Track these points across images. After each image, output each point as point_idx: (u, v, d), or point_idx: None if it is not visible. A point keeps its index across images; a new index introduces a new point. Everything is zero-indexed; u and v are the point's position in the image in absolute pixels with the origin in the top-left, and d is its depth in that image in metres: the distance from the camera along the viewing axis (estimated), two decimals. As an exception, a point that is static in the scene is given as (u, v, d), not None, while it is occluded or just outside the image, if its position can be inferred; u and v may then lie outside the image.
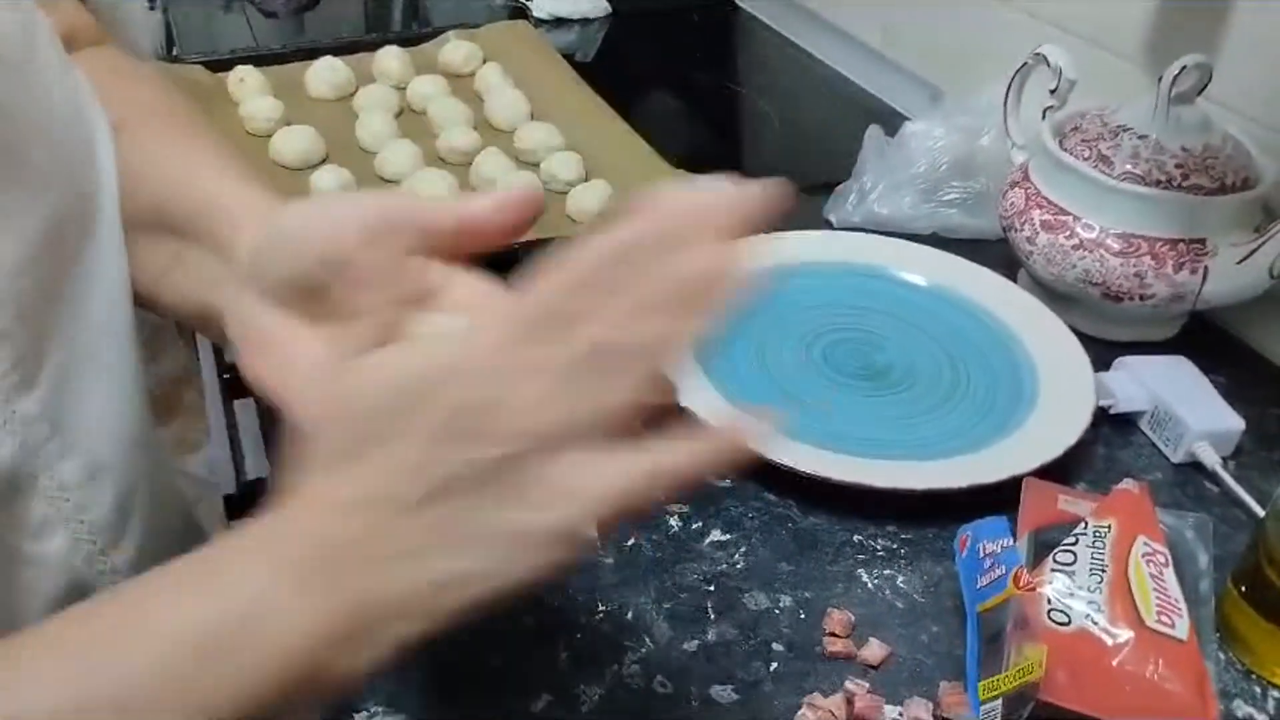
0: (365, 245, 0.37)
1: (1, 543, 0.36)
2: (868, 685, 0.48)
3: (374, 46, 1.00)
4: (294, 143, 0.84)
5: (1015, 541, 0.51)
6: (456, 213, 0.37)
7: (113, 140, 0.44)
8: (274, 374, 0.37)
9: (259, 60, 0.97)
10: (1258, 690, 0.50)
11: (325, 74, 0.95)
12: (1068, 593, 0.46)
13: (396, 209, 0.38)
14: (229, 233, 0.40)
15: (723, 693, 0.48)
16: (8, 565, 0.36)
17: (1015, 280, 0.75)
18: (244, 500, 0.90)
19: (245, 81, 0.92)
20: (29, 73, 0.38)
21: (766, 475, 0.59)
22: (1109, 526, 0.49)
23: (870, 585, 0.54)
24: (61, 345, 0.39)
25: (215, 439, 1.38)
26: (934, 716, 0.47)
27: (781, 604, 0.53)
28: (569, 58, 1.06)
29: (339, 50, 1.00)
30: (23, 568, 0.37)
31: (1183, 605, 0.46)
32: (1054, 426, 0.61)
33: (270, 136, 0.86)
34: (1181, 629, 0.45)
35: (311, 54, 0.99)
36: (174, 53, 1.11)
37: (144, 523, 0.43)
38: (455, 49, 1.01)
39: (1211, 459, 0.61)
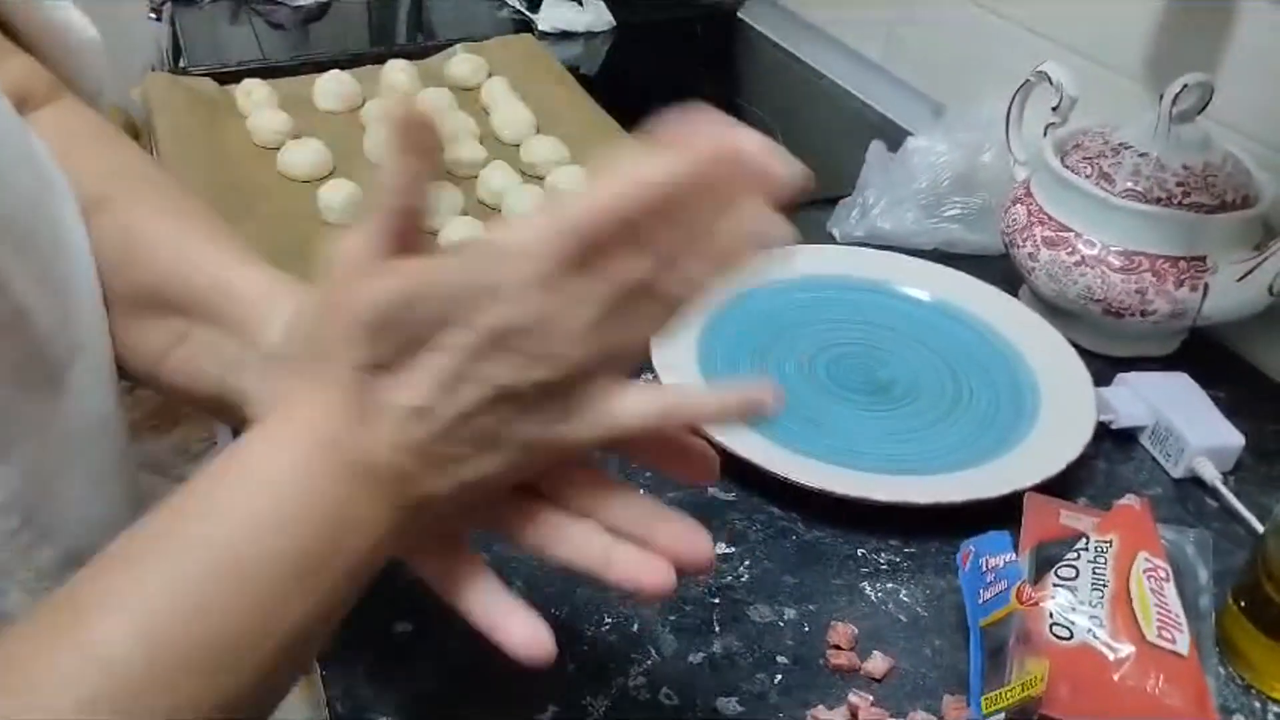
0: None
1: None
2: (871, 698, 0.48)
3: (379, 59, 1.01)
4: (302, 156, 0.85)
5: (1017, 556, 0.51)
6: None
7: (77, 206, 0.43)
8: None
9: (265, 72, 0.98)
10: (1258, 705, 0.50)
11: (333, 87, 0.95)
12: (1070, 607, 0.47)
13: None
14: (242, 314, 0.41)
15: (728, 705, 0.49)
16: None
17: (1017, 295, 0.76)
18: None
19: (253, 95, 0.93)
20: None
21: (770, 489, 0.59)
22: (1111, 542, 0.49)
23: (874, 598, 0.55)
24: (30, 435, 0.38)
25: (221, 440, 1.38)
26: (937, 729, 0.47)
27: (786, 617, 0.53)
28: (573, 71, 1.07)
29: (344, 62, 1.01)
30: None
31: (1183, 620, 0.47)
32: (1055, 441, 0.62)
33: (278, 149, 0.87)
34: (1182, 644, 0.46)
35: (318, 66, 0.99)
36: (181, 64, 1.12)
37: None
38: (462, 62, 1.02)
39: (1211, 474, 0.62)
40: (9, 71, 0.45)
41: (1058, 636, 0.46)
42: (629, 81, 1.15)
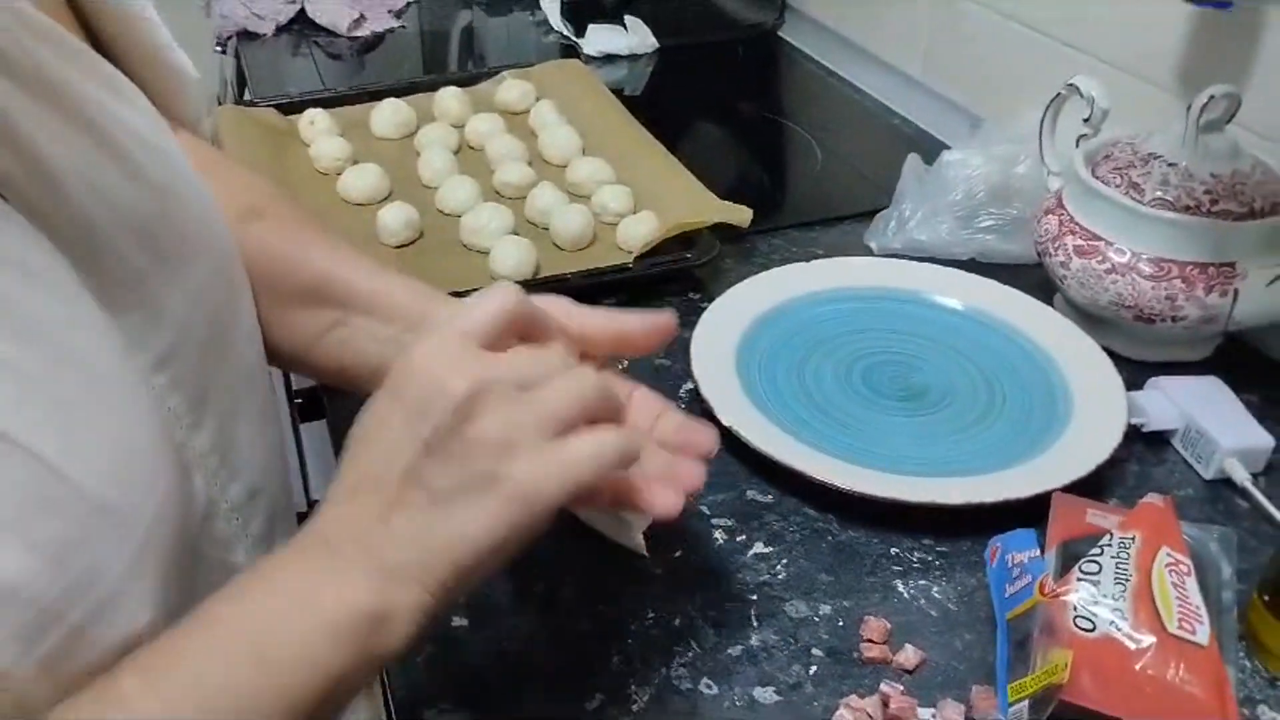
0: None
1: (208, 555, 0.42)
2: (902, 687, 0.50)
3: (432, 86, 1.06)
4: (361, 181, 0.90)
5: (1044, 553, 0.53)
6: (615, 325, 0.50)
7: (225, 215, 0.51)
8: None
9: (326, 101, 1.03)
10: (1283, 697, 0.52)
11: (389, 114, 1.00)
12: (1093, 600, 0.49)
13: (568, 315, 0.49)
14: (400, 312, 0.53)
15: (764, 694, 0.51)
16: (219, 575, 0.42)
17: (1051, 304, 0.78)
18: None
19: (316, 123, 0.98)
20: (169, 153, 0.44)
21: (807, 491, 0.62)
22: (1134, 538, 0.51)
23: (906, 595, 0.57)
24: (220, 389, 0.44)
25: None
26: (965, 718, 0.49)
27: (821, 612, 0.56)
28: (618, 92, 1.11)
29: (399, 90, 1.06)
30: (223, 576, 0.42)
31: (1204, 613, 0.48)
32: (1086, 444, 0.64)
33: (338, 175, 0.91)
34: (1202, 635, 0.47)
35: (375, 95, 1.04)
36: (246, 95, 1.18)
37: (284, 535, 0.48)
38: (510, 88, 1.06)
39: (1242, 475, 0.63)
40: None
41: (1081, 628, 0.48)
42: (673, 101, 1.19)
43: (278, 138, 0.97)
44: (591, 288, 0.80)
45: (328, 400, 0.75)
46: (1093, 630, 0.48)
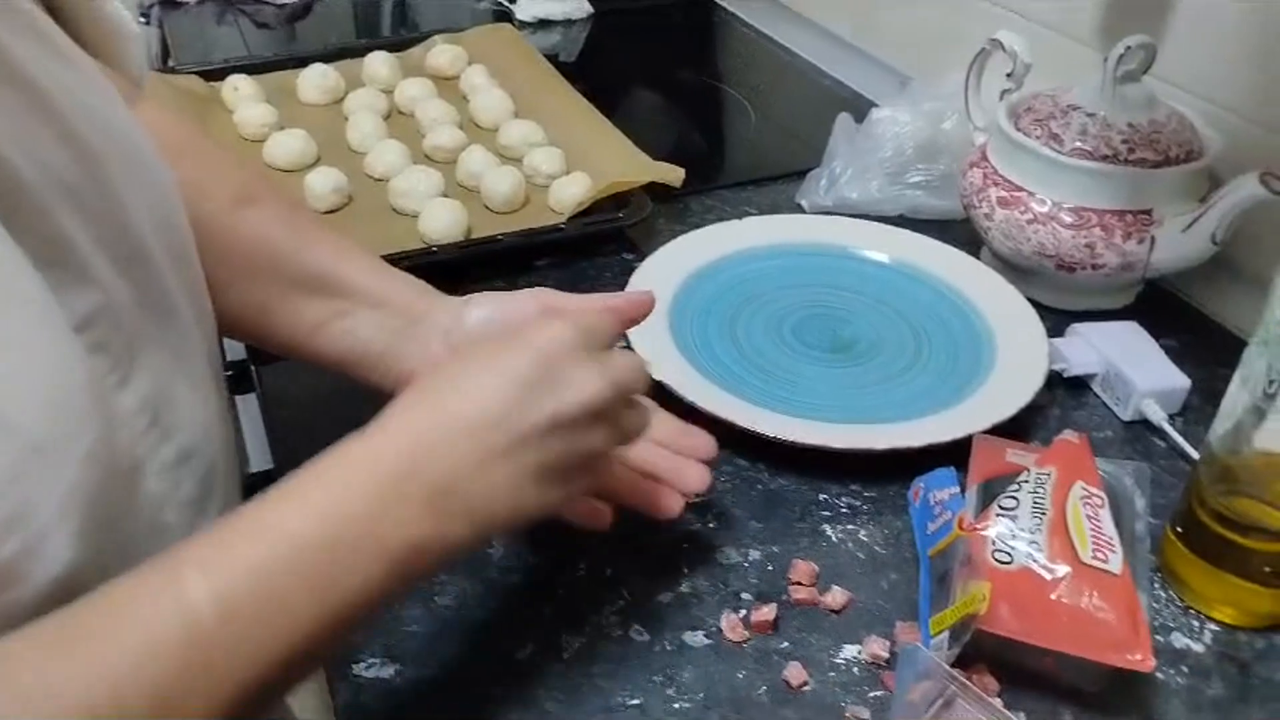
0: None
1: (140, 514, 0.42)
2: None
3: (363, 52, 1.04)
4: (287, 147, 0.88)
5: (965, 491, 0.54)
6: (603, 304, 0.55)
7: (218, 198, 0.54)
8: None
9: (252, 69, 1.01)
10: (1195, 624, 0.54)
11: (316, 80, 0.99)
12: (1010, 535, 0.50)
13: (561, 301, 0.55)
14: (405, 305, 0.56)
15: (695, 638, 0.52)
16: (149, 533, 0.42)
17: (978, 256, 0.79)
18: (248, 492, 0.94)
19: (239, 89, 0.96)
20: (106, 115, 0.44)
21: (738, 442, 0.62)
22: (1050, 473, 0.52)
23: (834, 539, 0.58)
24: (155, 350, 0.44)
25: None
26: (889, 652, 0.50)
27: (750, 558, 0.57)
28: (552, 59, 1.10)
29: (329, 57, 1.04)
30: (156, 536, 0.42)
31: (1117, 543, 0.50)
32: (1010, 389, 0.65)
33: (264, 141, 0.90)
34: (1115, 563, 0.49)
35: (303, 61, 1.02)
36: (169, 64, 1.15)
37: (221, 499, 0.48)
38: (441, 53, 1.05)
39: (1158, 415, 0.65)
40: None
41: (999, 561, 0.49)
42: (608, 67, 1.18)
43: (200, 105, 0.95)
44: (524, 249, 0.79)
45: (258, 373, 0.74)
46: (1010, 563, 0.49)
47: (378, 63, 1.01)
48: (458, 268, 0.77)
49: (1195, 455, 0.63)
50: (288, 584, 0.37)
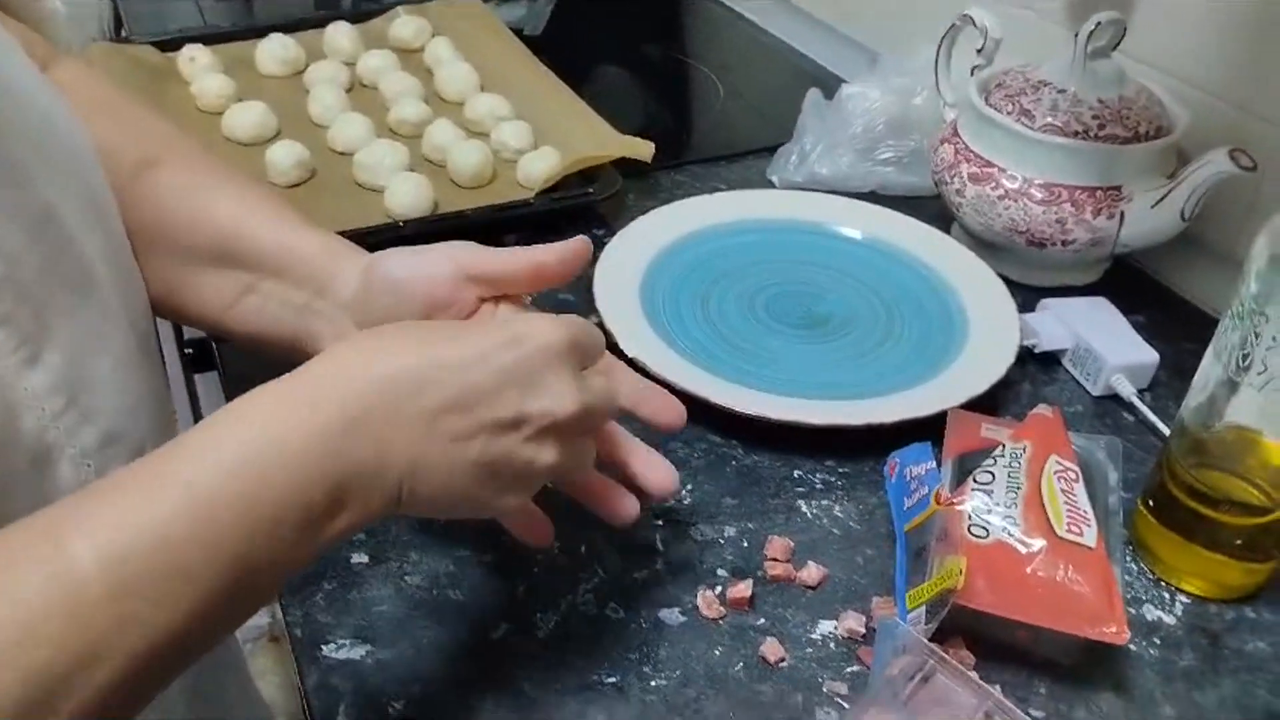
0: (460, 289, 0.48)
1: (52, 500, 0.38)
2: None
3: (322, 24, 1.01)
4: (246, 119, 0.86)
5: (940, 466, 0.54)
6: (529, 259, 0.49)
7: (119, 165, 0.49)
8: None
9: (209, 39, 0.98)
10: (1166, 596, 0.54)
11: (275, 50, 0.96)
12: (986, 509, 0.50)
13: (482, 261, 0.49)
14: (309, 272, 0.50)
15: (670, 615, 0.52)
16: None
17: (949, 232, 0.79)
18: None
19: (196, 60, 0.93)
20: (14, 80, 0.41)
21: (712, 419, 0.62)
22: (1025, 447, 0.52)
23: (809, 515, 0.58)
24: (71, 327, 0.41)
25: (180, 416, 1.39)
26: (866, 628, 0.50)
27: (726, 534, 0.56)
28: (518, 32, 1.08)
29: (288, 28, 1.01)
30: None
31: (1091, 516, 0.50)
32: (982, 365, 0.65)
33: (222, 114, 0.87)
34: (1090, 537, 0.49)
35: (261, 32, 1.00)
36: (124, 34, 1.12)
37: None
38: (405, 24, 1.02)
39: (1127, 390, 0.65)
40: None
41: (975, 536, 0.49)
42: (575, 41, 1.17)
43: (155, 76, 0.93)
44: (492, 224, 0.78)
45: (219, 351, 0.72)
46: (986, 537, 0.49)
47: (339, 34, 0.99)
48: (424, 243, 0.75)
49: (1165, 430, 0.63)
50: (191, 553, 0.33)
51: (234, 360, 0.69)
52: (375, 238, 0.71)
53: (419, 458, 0.38)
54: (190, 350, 0.93)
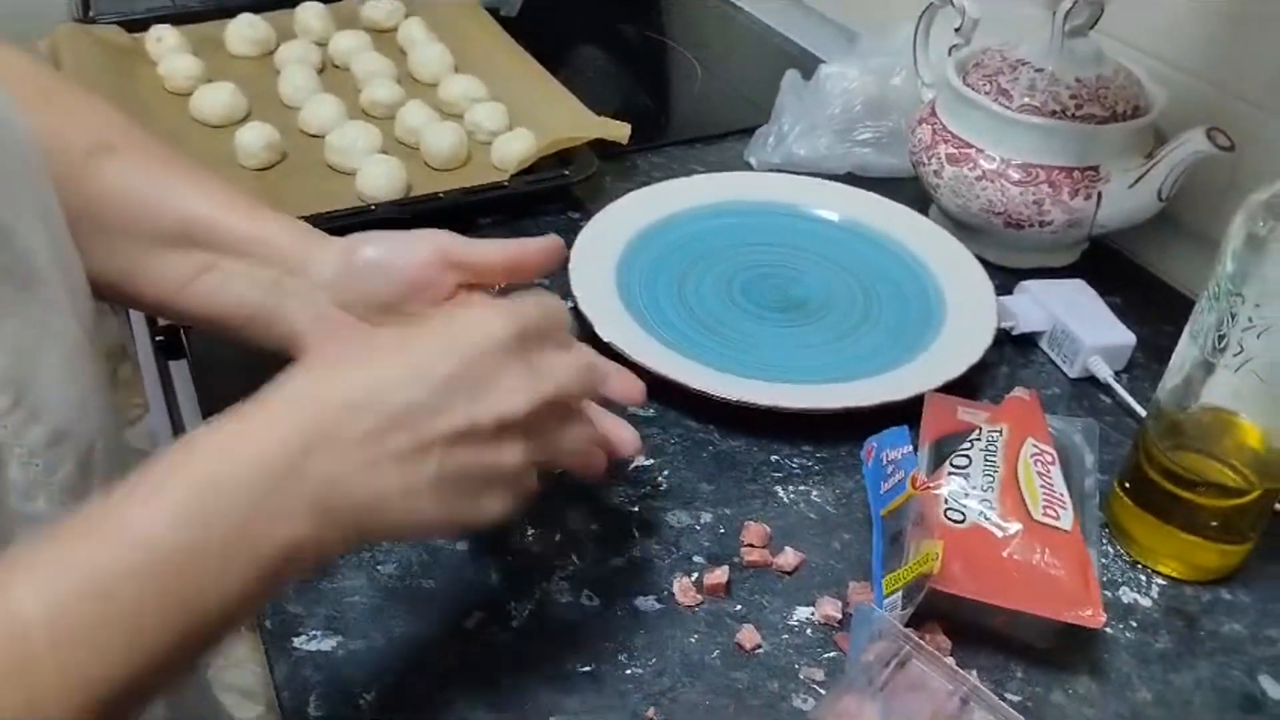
0: (440, 273, 0.50)
1: (3, 505, 0.39)
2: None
3: (293, 3, 0.99)
4: (215, 100, 0.84)
5: (917, 450, 0.54)
6: (506, 253, 0.51)
7: (71, 150, 0.49)
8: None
9: (177, 19, 0.96)
10: (1142, 579, 0.54)
11: (245, 30, 0.94)
12: (963, 493, 0.50)
13: (462, 249, 0.51)
14: (278, 254, 0.51)
15: (646, 603, 0.51)
16: (10, 525, 0.39)
17: (927, 214, 0.78)
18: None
19: (163, 40, 0.91)
20: None
21: (688, 403, 0.61)
22: (1001, 431, 0.52)
23: (786, 500, 0.57)
24: (12, 319, 0.40)
25: (154, 404, 1.37)
26: (843, 613, 0.50)
27: (702, 520, 0.56)
28: (493, 13, 1.06)
29: (258, 7, 0.99)
30: (22, 527, 0.39)
31: (1068, 500, 0.50)
32: (959, 347, 0.65)
33: (190, 95, 0.86)
34: (1066, 520, 0.49)
35: (230, 12, 0.98)
36: (89, 14, 1.10)
37: (103, 482, 0.45)
38: (377, 5, 1.01)
39: (1104, 372, 0.65)
40: None
41: (952, 520, 0.49)
42: (551, 22, 1.15)
43: (122, 57, 0.91)
44: (466, 207, 0.77)
45: (187, 338, 0.71)
46: (962, 521, 0.49)
47: (310, 14, 0.97)
48: (397, 227, 0.73)
49: (1141, 411, 0.63)
50: (137, 598, 0.32)
51: (203, 347, 0.68)
52: (347, 222, 0.69)
53: (369, 483, 0.37)
54: (161, 339, 0.92)
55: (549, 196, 0.80)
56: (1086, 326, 0.66)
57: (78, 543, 0.33)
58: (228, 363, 0.66)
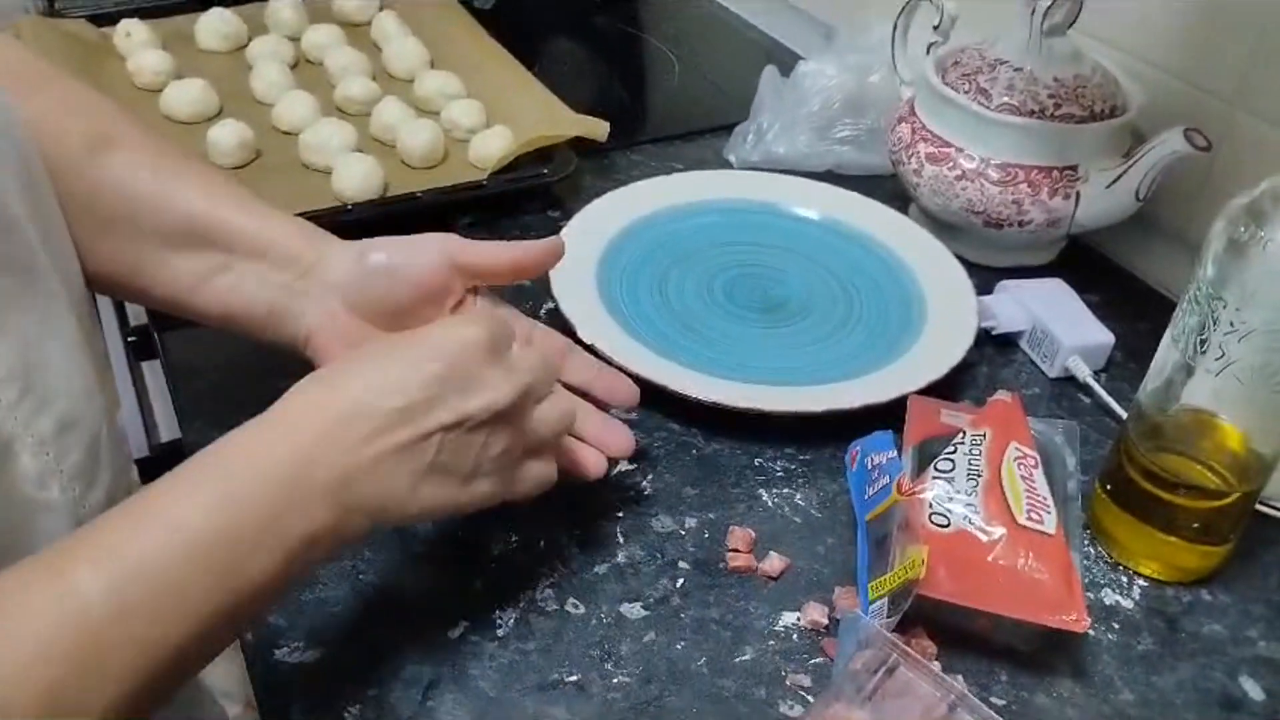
0: (451, 278, 0.52)
1: (14, 493, 0.40)
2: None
3: (265, -3, 0.98)
4: (185, 96, 0.83)
5: (901, 454, 0.54)
6: (509, 255, 0.53)
7: (70, 143, 0.49)
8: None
9: (146, 13, 0.95)
10: (1124, 580, 0.54)
11: (216, 25, 0.93)
12: (947, 497, 0.50)
13: (467, 252, 0.52)
14: (290, 256, 0.52)
15: (632, 610, 0.51)
16: (26, 513, 0.40)
17: (906, 213, 0.78)
18: (158, 463, 0.90)
19: (132, 35, 0.90)
20: None
21: (671, 406, 0.61)
22: (985, 434, 0.52)
23: (770, 504, 0.57)
24: (22, 312, 0.41)
25: (125, 405, 1.35)
26: (829, 618, 0.50)
27: (687, 525, 0.55)
28: (466, 5, 1.05)
29: (229, 1, 0.98)
30: (37, 514, 0.41)
31: (1051, 503, 0.50)
32: (940, 348, 0.65)
33: (160, 91, 0.84)
34: (1049, 524, 0.49)
35: (201, 5, 0.96)
36: (56, 7, 1.08)
37: (109, 468, 0.45)
38: (350, -2, 1.00)
39: (1084, 372, 0.65)
40: None
41: (936, 525, 0.49)
42: (527, 16, 1.14)
43: (89, 51, 0.89)
44: (444, 206, 0.76)
45: (161, 339, 0.69)
46: (947, 526, 0.49)
47: (282, 8, 0.96)
48: (374, 227, 0.72)
49: (1121, 411, 0.64)
50: (183, 577, 0.36)
51: (176, 348, 0.67)
52: (323, 222, 0.68)
53: (377, 481, 0.41)
54: (134, 338, 0.91)
55: (527, 195, 0.79)
56: (1065, 326, 0.66)
57: (125, 532, 0.36)
58: (203, 364, 0.65)
